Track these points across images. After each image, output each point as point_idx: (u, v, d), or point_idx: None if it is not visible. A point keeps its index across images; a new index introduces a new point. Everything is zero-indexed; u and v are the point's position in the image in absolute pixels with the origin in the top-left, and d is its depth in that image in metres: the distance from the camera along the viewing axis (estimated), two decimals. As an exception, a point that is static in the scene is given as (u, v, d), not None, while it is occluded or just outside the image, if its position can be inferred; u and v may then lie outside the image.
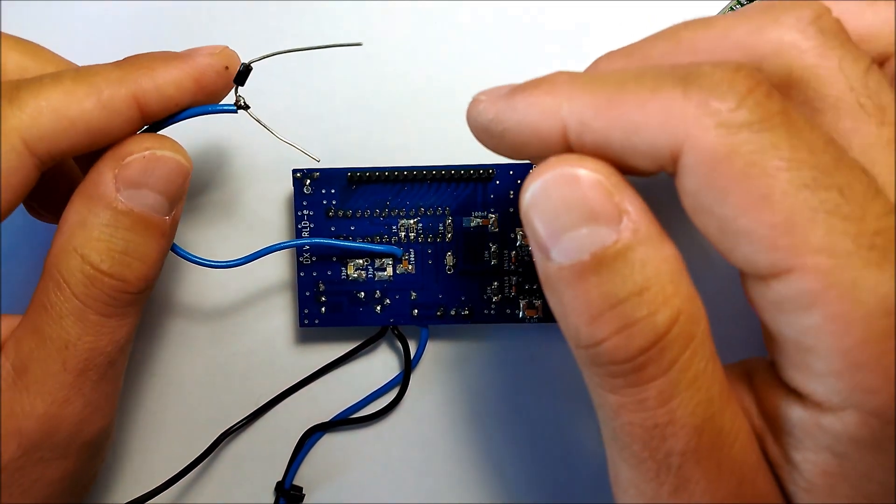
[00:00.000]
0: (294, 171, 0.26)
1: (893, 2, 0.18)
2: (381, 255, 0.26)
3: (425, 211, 0.26)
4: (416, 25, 0.28)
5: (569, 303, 0.16)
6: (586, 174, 0.16)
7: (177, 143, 0.21)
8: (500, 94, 0.18)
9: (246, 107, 0.22)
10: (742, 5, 0.22)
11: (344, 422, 0.27)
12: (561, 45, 0.27)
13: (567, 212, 0.15)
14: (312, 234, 0.26)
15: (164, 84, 0.20)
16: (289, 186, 0.27)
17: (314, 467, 0.27)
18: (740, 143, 0.14)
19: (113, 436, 0.24)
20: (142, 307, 0.22)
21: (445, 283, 0.26)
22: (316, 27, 0.27)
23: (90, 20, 0.27)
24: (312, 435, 0.27)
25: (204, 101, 0.22)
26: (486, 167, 0.25)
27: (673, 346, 0.15)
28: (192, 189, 0.27)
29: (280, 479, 0.27)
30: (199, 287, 0.27)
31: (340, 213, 0.26)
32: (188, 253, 0.24)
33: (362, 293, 0.26)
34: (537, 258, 0.16)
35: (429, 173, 0.25)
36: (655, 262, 0.15)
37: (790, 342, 0.15)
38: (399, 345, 0.27)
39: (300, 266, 0.26)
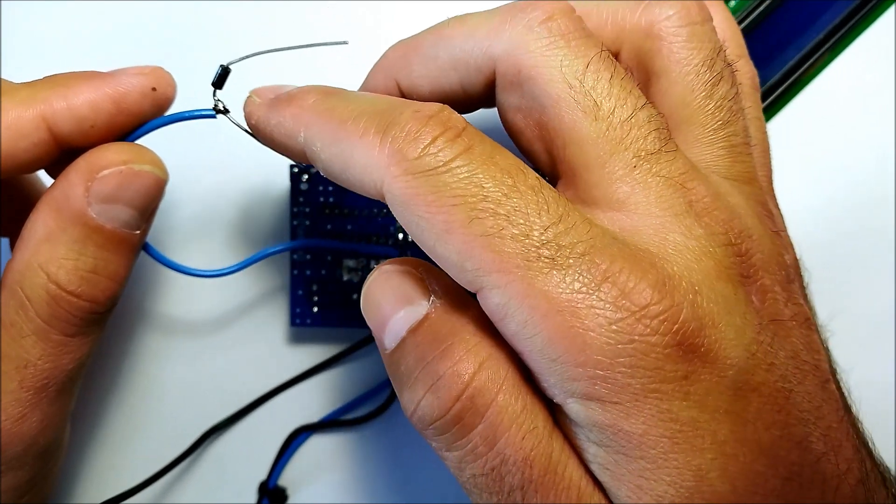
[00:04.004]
0: (291, 167, 0.25)
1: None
2: (377, 256, 0.25)
3: (424, 213, 0.25)
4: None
5: (397, 380, 0.18)
6: (397, 268, 0.18)
7: (155, 154, 0.20)
8: (267, 99, 0.19)
9: (225, 111, 0.20)
10: None
11: (332, 423, 0.27)
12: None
13: (388, 300, 0.18)
14: (308, 231, 0.25)
15: (78, 104, 0.19)
16: (285, 182, 0.26)
17: (300, 468, 0.27)
18: (420, 186, 0.16)
19: (67, 438, 0.23)
20: (106, 322, 0.21)
21: (441, 288, 0.25)
22: (308, 29, 0.27)
23: (91, 20, 0.27)
24: (299, 435, 0.26)
25: (125, 123, 0.20)
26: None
27: (483, 391, 0.16)
28: (188, 185, 0.26)
29: (264, 478, 0.26)
30: (188, 282, 0.27)
31: (337, 210, 0.25)
32: (180, 265, 0.22)
33: (356, 295, 0.25)
34: (380, 349, 0.18)
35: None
36: (460, 323, 0.17)
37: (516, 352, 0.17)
38: (391, 348, 0.26)
39: (293, 264, 0.26)
